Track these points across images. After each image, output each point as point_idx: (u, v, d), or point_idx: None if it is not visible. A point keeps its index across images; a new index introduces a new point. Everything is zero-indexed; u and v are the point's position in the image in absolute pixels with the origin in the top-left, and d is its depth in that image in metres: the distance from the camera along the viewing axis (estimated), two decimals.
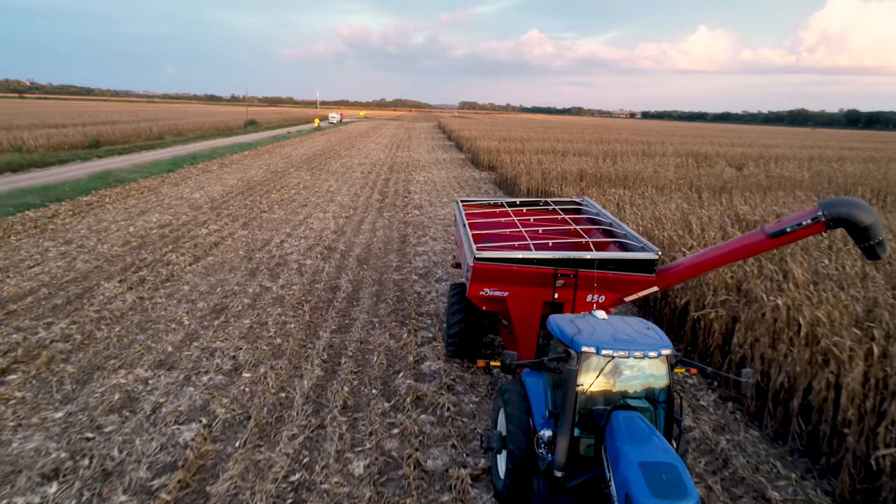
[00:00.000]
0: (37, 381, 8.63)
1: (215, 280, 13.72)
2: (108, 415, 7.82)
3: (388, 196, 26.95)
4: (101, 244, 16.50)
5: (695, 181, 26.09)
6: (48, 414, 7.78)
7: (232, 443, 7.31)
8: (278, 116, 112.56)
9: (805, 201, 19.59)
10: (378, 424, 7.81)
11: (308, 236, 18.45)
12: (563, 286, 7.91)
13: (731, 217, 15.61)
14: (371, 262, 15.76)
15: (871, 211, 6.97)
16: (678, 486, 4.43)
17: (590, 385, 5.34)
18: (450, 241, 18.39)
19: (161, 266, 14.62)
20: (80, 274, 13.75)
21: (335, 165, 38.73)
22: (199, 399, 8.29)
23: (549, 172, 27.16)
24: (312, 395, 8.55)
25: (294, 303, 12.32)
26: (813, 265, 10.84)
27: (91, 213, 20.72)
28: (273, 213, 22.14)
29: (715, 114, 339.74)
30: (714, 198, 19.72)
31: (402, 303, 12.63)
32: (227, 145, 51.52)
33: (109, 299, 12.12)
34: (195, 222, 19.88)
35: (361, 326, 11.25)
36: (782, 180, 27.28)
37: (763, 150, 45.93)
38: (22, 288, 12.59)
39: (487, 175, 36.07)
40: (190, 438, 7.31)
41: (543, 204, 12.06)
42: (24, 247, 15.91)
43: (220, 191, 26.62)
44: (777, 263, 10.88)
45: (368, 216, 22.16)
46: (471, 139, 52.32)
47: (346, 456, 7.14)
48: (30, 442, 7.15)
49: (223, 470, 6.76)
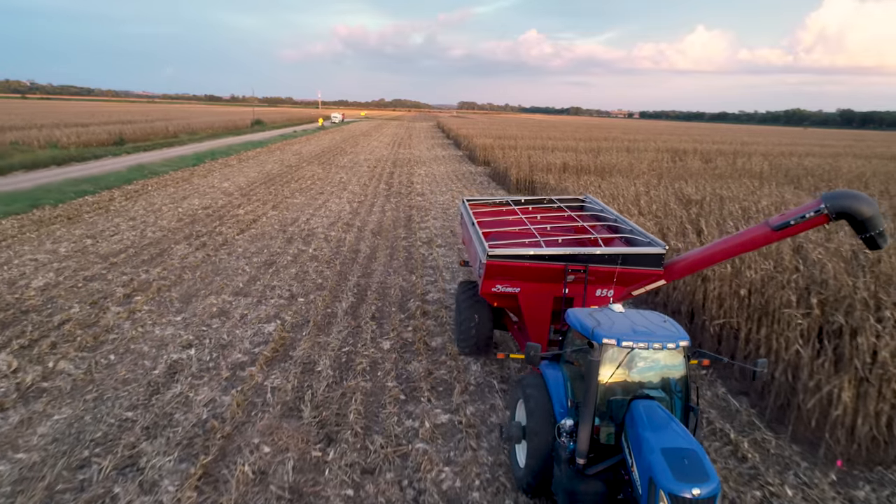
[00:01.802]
0: (155, 302, 12.18)
1: (261, 245, 17.26)
2: (212, 318, 11.37)
3: (394, 186, 30.48)
4: (160, 220, 20.03)
5: (665, 172, 29.63)
6: (171, 318, 11.33)
7: (301, 333, 10.86)
8: (282, 116, 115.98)
9: (748, 186, 23.12)
10: (397, 325, 11.36)
11: (329, 216, 21.99)
12: (573, 281, 8.05)
13: (676, 196, 19.17)
14: (383, 234, 19.30)
15: (872, 203, 7.00)
16: (700, 471, 4.63)
17: (610, 375, 5.50)
18: (447, 218, 21.91)
19: (215, 235, 18.16)
20: (153, 240, 17.29)
21: (343, 161, 42.27)
22: (271, 311, 11.84)
23: (535, 165, 30.75)
24: (350, 311, 12.09)
25: (326, 259, 15.88)
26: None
27: (141, 198, 24.24)
28: (295, 198, 25.66)
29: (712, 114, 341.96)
30: (671, 184, 23.28)
31: (410, 260, 16.18)
32: (239, 143, 55.00)
33: (184, 256, 15.67)
34: (231, 205, 23.40)
35: (380, 274, 14.80)
36: (743, 171, 30.85)
37: (739, 147, 49.53)
38: (113, 249, 16.13)
39: (482, 169, 39.59)
40: (272, 330, 10.86)
41: (548, 202, 12.18)
42: (98, 222, 19.44)
43: (245, 181, 30.14)
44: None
45: (378, 201, 25.69)
46: (468, 137, 55.86)
47: (377, 340, 10.69)
48: (167, 330, 10.70)
49: (298, 345, 10.30)
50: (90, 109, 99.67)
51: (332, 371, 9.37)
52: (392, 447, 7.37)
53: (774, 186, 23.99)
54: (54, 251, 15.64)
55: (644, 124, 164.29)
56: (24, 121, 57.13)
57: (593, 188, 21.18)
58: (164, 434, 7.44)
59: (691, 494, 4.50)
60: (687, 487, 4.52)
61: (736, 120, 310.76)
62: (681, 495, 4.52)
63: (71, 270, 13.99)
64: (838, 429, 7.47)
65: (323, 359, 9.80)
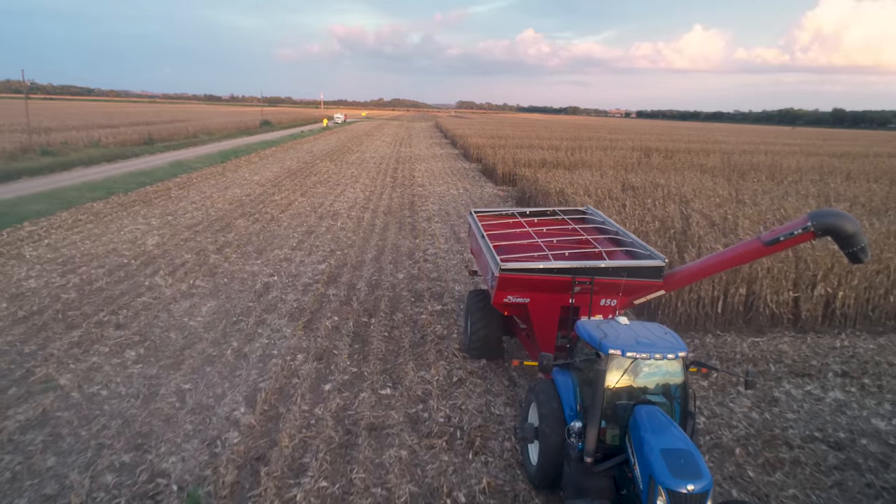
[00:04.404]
0: (239, 252, 17.51)
1: (300, 220, 22.60)
2: (281, 262, 16.70)
3: (398, 179, 35.83)
4: (215, 204, 25.34)
5: (629, 167, 34.98)
6: (253, 262, 16.66)
7: (343, 270, 16.18)
8: (287, 117, 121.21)
9: (688, 177, 28.47)
10: (407, 266, 16.72)
11: (347, 201, 27.33)
12: (579, 292, 8.54)
13: (622, 184, 24.55)
14: (393, 213, 24.65)
15: (855, 221, 7.50)
16: (694, 469, 5.14)
17: (615, 383, 5.95)
18: (443, 203, 27.24)
19: (263, 213, 23.50)
20: (217, 217, 22.61)
21: (352, 158, 47.62)
22: (320, 258, 17.19)
23: (518, 161, 36.12)
24: (374, 259, 17.42)
25: (351, 229, 21.22)
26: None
27: (191, 188, 29.54)
28: (317, 189, 30.99)
29: (707, 113, 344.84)
30: (622, 174, 28.66)
31: (414, 230, 21.53)
32: (255, 142, 60.30)
33: (246, 227, 21.00)
34: (266, 193, 28.71)
35: (393, 238, 20.14)
36: (695, 165, 36.27)
37: (705, 146, 55.01)
38: (190, 222, 21.45)
39: (475, 166, 44.96)
40: (323, 268, 16.19)
41: (551, 213, 12.92)
42: (168, 205, 24.73)
43: (271, 175, 35.46)
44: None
45: (386, 191, 31.03)
46: (463, 137, 61.27)
47: (394, 273, 16.02)
48: (254, 267, 16.04)
49: (343, 276, 15.61)
50: (100, 110, 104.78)
51: (367, 287, 14.73)
52: (407, 319, 12.73)
53: (709, 177, 29.37)
54: (148, 223, 20.97)
55: (638, 124, 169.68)
56: (58, 123, 62.37)
57: (562, 179, 26.53)
58: (275, 312, 12.78)
59: (686, 490, 5.04)
60: (682, 483, 5.05)
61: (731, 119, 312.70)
62: (677, 490, 5.06)
63: (169, 235, 19.31)
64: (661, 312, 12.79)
65: (360, 282, 15.14)
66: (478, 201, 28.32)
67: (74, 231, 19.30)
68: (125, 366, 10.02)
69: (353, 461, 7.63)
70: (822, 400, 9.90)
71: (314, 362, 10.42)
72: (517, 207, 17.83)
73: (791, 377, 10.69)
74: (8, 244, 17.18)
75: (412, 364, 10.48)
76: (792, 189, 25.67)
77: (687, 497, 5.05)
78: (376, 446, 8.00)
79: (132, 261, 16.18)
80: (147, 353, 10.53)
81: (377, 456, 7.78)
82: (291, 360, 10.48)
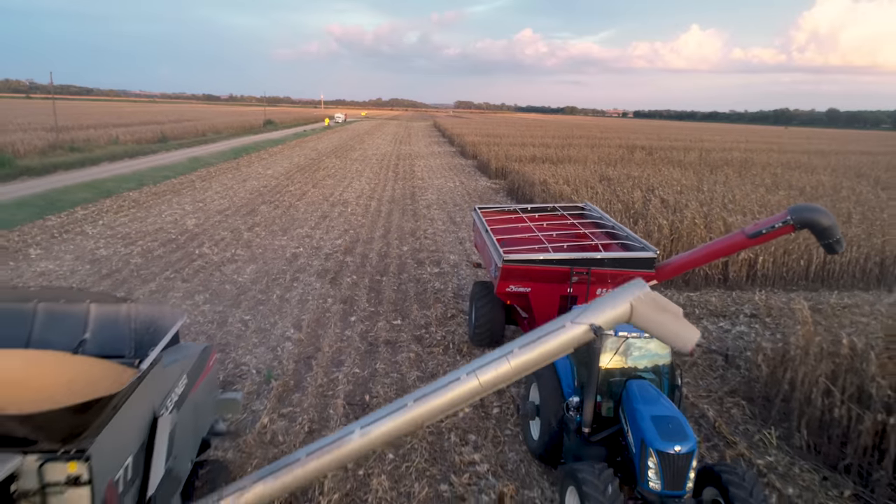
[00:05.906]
0: (267, 231, 20.59)
1: (315, 207, 25.67)
2: (304, 238, 19.78)
3: (400, 174, 38.93)
4: (237, 193, 28.40)
5: (612, 162, 38.10)
6: (280, 237, 19.73)
7: (357, 244, 19.24)
8: (289, 117, 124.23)
9: (666, 169, 31.59)
10: (410, 241, 19.81)
11: (354, 192, 30.42)
12: (577, 282, 9.09)
13: (600, 176, 27.69)
14: (396, 202, 27.75)
15: (830, 215, 7.98)
16: (681, 433, 5.81)
17: (609, 361, 6.61)
18: (441, 194, 30.34)
19: (282, 201, 26.58)
20: (242, 204, 25.68)
21: (355, 155, 50.69)
22: (336, 235, 20.28)
23: (510, 157, 39.25)
24: (382, 237, 20.49)
25: (361, 214, 24.32)
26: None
27: (213, 181, 32.59)
28: (326, 181, 34.07)
29: (704, 113, 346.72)
30: (602, 168, 31.80)
31: (415, 215, 24.63)
32: (262, 141, 63.33)
33: (268, 212, 24.08)
34: (281, 185, 31.77)
35: (397, 221, 23.24)
36: (673, 161, 39.43)
37: (689, 144, 58.23)
38: (219, 207, 24.51)
39: (471, 162, 48.06)
40: (340, 242, 19.27)
41: (551, 209, 13.51)
42: (196, 194, 27.78)
43: (283, 170, 38.52)
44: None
45: (388, 184, 34.11)
46: (460, 136, 64.47)
47: (399, 246, 19.09)
48: (282, 242, 19.11)
49: (357, 248, 18.68)
50: (103, 110, 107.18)
51: (378, 256, 17.83)
52: (411, 277, 15.82)
53: (681, 171, 32.53)
54: (182, 208, 24.03)
55: (632, 123, 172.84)
56: (72, 122, 65.27)
57: (546, 171, 29.65)
58: (305, 272, 15.86)
59: (674, 451, 5.65)
60: (671, 445, 5.66)
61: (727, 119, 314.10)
62: (665, 451, 5.67)
63: (204, 217, 22.39)
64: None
65: (371, 253, 18.23)
66: (472, 193, 31.42)
67: (121, 214, 22.36)
68: (197, 305, 13.09)
69: (376, 359, 10.74)
70: (729, 331, 13.02)
71: (341, 304, 13.52)
72: (518, 204, 19.99)
73: (710, 317, 13.81)
74: (71, 223, 20.24)
75: (416, 305, 13.59)
76: (749, 180, 28.82)
77: (674, 457, 5.70)
78: (392, 352, 11.10)
79: (178, 236, 19.25)
80: (212, 297, 13.61)
81: (393, 357, 10.89)
82: (323, 302, 13.58)
